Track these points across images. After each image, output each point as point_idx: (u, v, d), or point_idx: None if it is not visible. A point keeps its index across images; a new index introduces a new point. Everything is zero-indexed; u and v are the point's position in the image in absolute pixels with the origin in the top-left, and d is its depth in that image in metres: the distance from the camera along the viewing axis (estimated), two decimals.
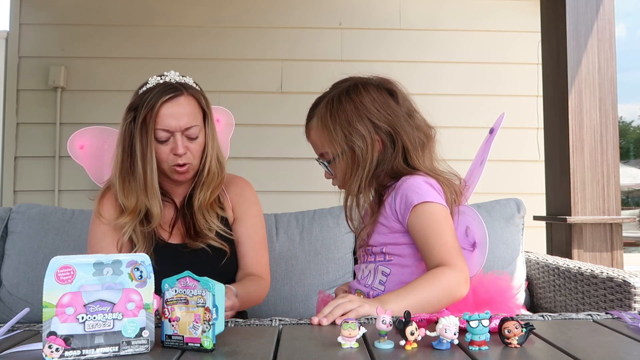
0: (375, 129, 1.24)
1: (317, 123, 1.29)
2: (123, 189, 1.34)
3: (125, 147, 1.33)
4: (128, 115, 1.32)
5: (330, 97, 1.30)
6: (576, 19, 2.02)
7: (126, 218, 1.33)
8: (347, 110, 1.25)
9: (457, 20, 3.21)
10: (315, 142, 1.33)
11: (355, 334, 0.80)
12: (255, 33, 3.16)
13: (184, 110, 1.30)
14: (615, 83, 2.02)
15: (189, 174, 1.37)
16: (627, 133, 30.39)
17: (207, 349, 0.78)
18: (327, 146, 1.28)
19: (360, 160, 1.24)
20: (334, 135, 1.25)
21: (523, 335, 0.80)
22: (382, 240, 1.27)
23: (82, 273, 0.77)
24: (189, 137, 1.32)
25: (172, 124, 1.29)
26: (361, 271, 1.35)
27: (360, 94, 1.28)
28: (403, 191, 1.21)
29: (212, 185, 1.40)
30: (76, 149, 1.67)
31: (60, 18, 3.13)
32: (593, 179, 1.99)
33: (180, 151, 1.30)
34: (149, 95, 1.29)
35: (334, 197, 1.39)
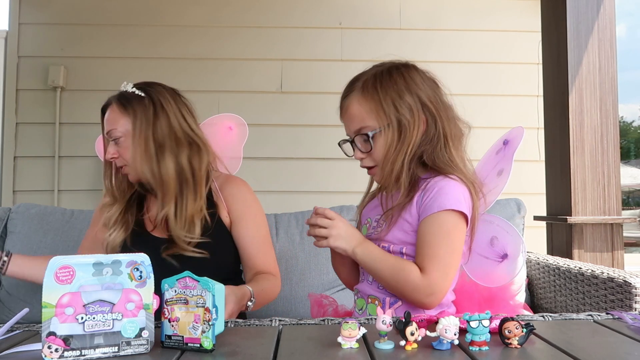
0: (422, 107, 1.21)
1: (361, 94, 1.24)
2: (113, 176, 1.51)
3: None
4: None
5: (379, 71, 1.26)
6: (577, 18, 2.02)
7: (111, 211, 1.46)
8: (398, 83, 1.22)
9: (458, 20, 3.21)
10: (355, 116, 1.24)
11: (355, 334, 0.79)
12: (255, 33, 3.16)
13: (110, 115, 1.42)
14: (615, 83, 2.02)
15: (130, 175, 1.42)
16: (628, 133, 30.27)
17: (207, 349, 0.78)
18: (372, 118, 1.22)
19: (407, 135, 1.19)
20: (384, 104, 1.21)
21: (523, 335, 0.80)
22: (404, 238, 1.21)
23: (81, 273, 0.77)
24: (114, 140, 1.40)
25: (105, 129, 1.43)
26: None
27: (410, 71, 1.26)
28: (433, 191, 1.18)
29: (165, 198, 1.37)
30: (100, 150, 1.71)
31: (60, 18, 3.12)
32: (593, 179, 1.99)
33: (107, 156, 1.41)
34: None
35: (334, 197, 1.39)
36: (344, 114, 1.28)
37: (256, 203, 1.50)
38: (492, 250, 1.26)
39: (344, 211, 1.88)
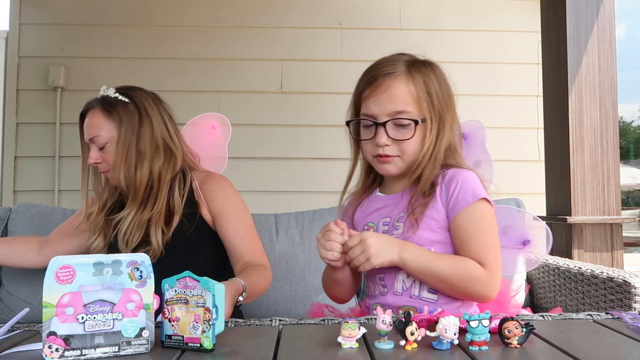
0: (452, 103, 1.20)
1: (410, 76, 1.16)
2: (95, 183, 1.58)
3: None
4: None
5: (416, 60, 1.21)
6: (576, 18, 2.02)
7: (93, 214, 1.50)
8: (439, 75, 1.19)
9: (457, 20, 3.21)
10: (398, 97, 1.14)
11: (355, 334, 0.80)
12: (256, 33, 3.16)
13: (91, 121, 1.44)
14: (615, 83, 2.02)
15: (114, 179, 1.44)
16: (628, 133, 30.27)
17: (207, 349, 0.78)
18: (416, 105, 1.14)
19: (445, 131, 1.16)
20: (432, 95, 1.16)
21: (523, 335, 0.80)
22: (432, 237, 1.13)
23: (82, 273, 0.77)
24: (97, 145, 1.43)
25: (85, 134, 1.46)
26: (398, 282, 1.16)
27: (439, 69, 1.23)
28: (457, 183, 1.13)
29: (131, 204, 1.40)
30: None
31: (60, 18, 3.13)
32: (593, 179, 1.99)
33: (89, 161, 1.44)
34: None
35: (334, 197, 1.37)
36: (383, 91, 1.15)
37: (236, 196, 1.49)
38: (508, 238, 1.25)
39: None
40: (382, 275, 1.18)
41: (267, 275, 1.41)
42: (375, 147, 1.17)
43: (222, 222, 1.44)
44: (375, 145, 1.16)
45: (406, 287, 1.15)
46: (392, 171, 1.18)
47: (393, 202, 1.20)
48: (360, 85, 1.23)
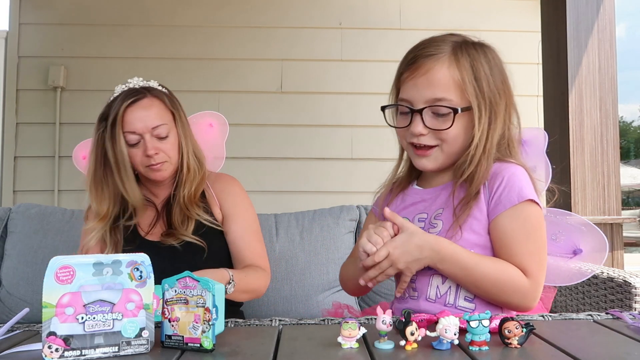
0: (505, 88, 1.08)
1: (454, 59, 1.04)
2: (96, 197, 1.39)
3: (98, 156, 1.38)
4: (100, 126, 1.37)
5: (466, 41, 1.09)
6: (576, 18, 2.02)
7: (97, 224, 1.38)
8: (490, 60, 1.07)
9: (457, 20, 3.21)
10: (440, 82, 1.04)
11: (355, 334, 0.79)
12: (255, 33, 3.16)
13: (148, 111, 1.34)
14: (615, 83, 2.02)
15: (165, 171, 1.38)
16: (628, 133, 30.31)
17: (207, 349, 0.78)
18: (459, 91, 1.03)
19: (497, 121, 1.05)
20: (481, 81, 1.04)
21: (523, 335, 0.80)
22: (475, 240, 1.03)
23: (81, 273, 0.77)
24: (158, 136, 1.35)
25: (139, 125, 1.33)
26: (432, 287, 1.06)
27: (493, 52, 1.12)
28: (502, 180, 1.02)
29: (194, 182, 1.42)
30: (80, 159, 1.70)
31: (60, 18, 3.13)
32: (593, 178, 1.99)
33: (150, 152, 1.33)
34: (115, 103, 1.35)
35: (334, 197, 1.37)
36: (420, 75, 1.05)
37: (246, 199, 1.51)
38: (557, 245, 1.15)
39: (344, 211, 1.88)
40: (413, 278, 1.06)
41: (263, 277, 1.41)
42: (411, 135, 1.06)
43: (231, 224, 1.45)
44: (411, 134, 1.06)
45: (440, 294, 1.04)
46: (430, 167, 1.08)
47: (431, 197, 1.11)
48: (401, 67, 1.12)
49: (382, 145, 3.11)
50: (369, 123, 3.10)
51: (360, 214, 1.90)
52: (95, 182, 1.39)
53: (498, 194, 1.02)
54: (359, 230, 1.88)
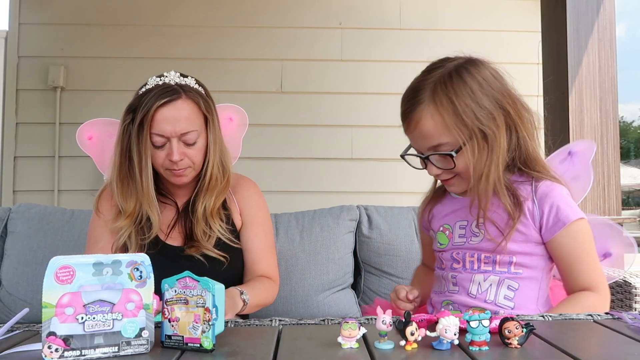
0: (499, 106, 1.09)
1: (434, 106, 1.07)
2: (122, 192, 1.32)
3: (123, 149, 1.30)
4: (127, 117, 1.29)
5: (446, 74, 1.10)
6: (577, 18, 2.02)
7: (124, 222, 1.31)
8: (472, 86, 1.07)
9: (457, 20, 3.21)
10: (430, 132, 1.09)
11: (355, 334, 0.79)
12: (255, 33, 3.16)
13: (181, 114, 1.26)
14: (615, 83, 2.02)
15: (186, 177, 1.32)
16: (628, 133, 30.35)
17: (207, 349, 0.78)
18: (451, 133, 1.07)
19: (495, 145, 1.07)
20: (463, 116, 1.05)
21: (523, 335, 0.80)
22: (515, 248, 1.11)
23: (81, 273, 0.77)
24: (185, 142, 1.27)
25: (168, 129, 1.25)
26: (474, 283, 1.15)
27: (479, 68, 1.11)
28: (553, 201, 1.09)
29: (215, 191, 1.35)
30: (85, 139, 1.66)
31: (60, 18, 3.12)
32: (593, 179, 1.99)
33: (175, 157, 1.26)
34: (146, 98, 1.25)
35: (334, 197, 1.37)
36: (413, 129, 1.12)
37: (266, 207, 1.48)
38: None
39: (344, 211, 1.88)
40: (455, 274, 1.16)
41: (272, 288, 1.40)
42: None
43: (249, 232, 1.42)
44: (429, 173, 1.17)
45: (481, 290, 1.13)
46: (458, 191, 1.18)
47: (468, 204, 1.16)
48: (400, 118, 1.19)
49: (382, 145, 3.11)
50: (369, 123, 3.10)
51: (360, 213, 1.90)
52: (121, 176, 1.32)
53: (552, 215, 1.09)
54: (359, 230, 1.88)
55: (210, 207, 1.34)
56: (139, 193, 1.30)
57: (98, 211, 1.39)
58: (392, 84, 3.14)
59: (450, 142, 1.08)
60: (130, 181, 1.31)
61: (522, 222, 1.10)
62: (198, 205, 1.34)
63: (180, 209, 1.40)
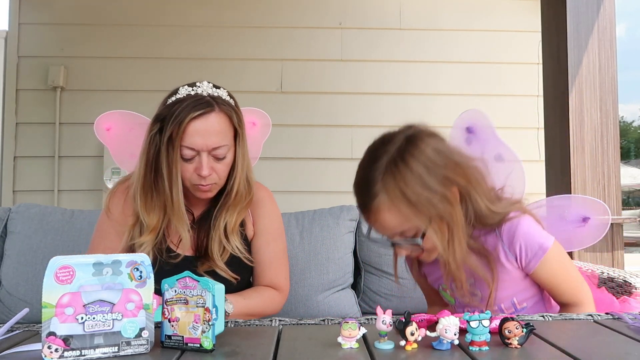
0: (449, 182, 1.09)
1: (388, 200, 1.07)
2: (145, 205, 1.26)
3: (149, 159, 1.25)
4: (154, 126, 1.23)
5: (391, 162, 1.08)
6: (577, 18, 2.02)
7: (147, 236, 1.26)
8: (419, 171, 1.06)
9: (457, 20, 3.21)
10: (390, 224, 1.10)
11: (355, 334, 0.79)
12: (255, 33, 3.16)
13: (213, 128, 1.21)
14: (615, 83, 2.02)
15: (211, 192, 1.28)
16: (628, 133, 30.33)
17: (207, 350, 0.78)
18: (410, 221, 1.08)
19: (453, 222, 1.09)
20: (417, 206, 1.06)
21: (523, 335, 0.80)
22: (510, 292, 1.18)
23: (81, 273, 0.77)
24: (215, 157, 1.23)
25: (199, 142, 1.20)
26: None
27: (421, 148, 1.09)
28: (521, 240, 1.12)
29: (238, 207, 1.31)
30: (103, 129, 1.62)
31: (60, 18, 3.13)
32: (594, 179, 1.99)
33: (205, 172, 1.21)
34: (178, 109, 1.19)
35: (334, 197, 1.37)
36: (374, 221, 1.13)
37: (279, 217, 1.44)
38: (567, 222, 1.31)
39: (344, 211, 1.88)
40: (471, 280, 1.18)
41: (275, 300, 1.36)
42: None
43: (260, 242, 1.38)
44: None
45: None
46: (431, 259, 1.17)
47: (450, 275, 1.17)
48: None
49: None
50: (369, 123, 3.10)
51: (360, 213, 1.90)
52: (145, 188, 1.26)
53: (525, 255, 1.13)
54: (359, 230, 1.88)
55: (232, 224, 1.30)
56: (168, 208, 1.25)
57: (109, 212, 1.33)
58: (392, 84, 3.15)
59: (412, 228, 1.10)
60: (154, 194, 1.26)
61: (502, 270, 1.15)
62: (219, 221, 1.30)
63: (195, 219, 1.35)
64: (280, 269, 1.40)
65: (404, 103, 3.11)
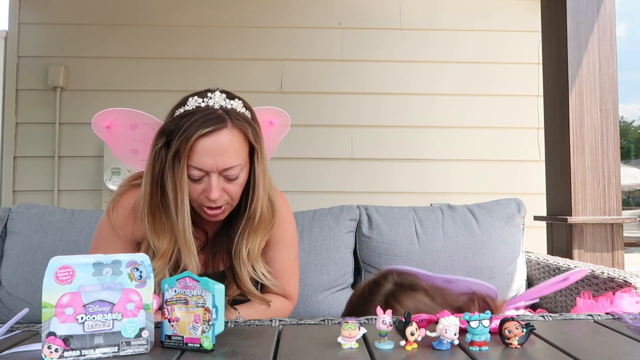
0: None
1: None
2: (154, 228, 1.15)
3: (154, 177, 1.13)
4: (159, 140, 1.12)
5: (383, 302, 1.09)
6: (577, 18, 2.02)
7: (158, 262, 1.15)
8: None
9: (457, 20, 3.21)
10: None
11: (355, 334, 0.79)
12: (255, 33, 3.16)
13: (225, 147, 1.08)
14: (615, 83, 2.02)
15: (223, 214, 1.17)
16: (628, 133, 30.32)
17: (207, 350, 0.78)
18: None
19: None
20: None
21: (523, 335, 0.80)
22: None
23: (81, 273, 0.77)
24: (227, 177, 1.11)
25: (209, 163, 1.08)
26: None
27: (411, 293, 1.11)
28: None
29: (261, 231, 1.21)
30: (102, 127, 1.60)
31: (60, 18, 3.13)
32: (594, 179, 1.99)
33: (214, 195, 1.10)
34: (186, 123, 1.07)
35: (334, 197, 1.36)
36: None
37: (294, 225, 1.37)
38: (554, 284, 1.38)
39: (344, 211, 1.88)
40: None
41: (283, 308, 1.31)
42: None
43: (272, 252, 1.30)
44: None
45: None
46: None
47: None
48: None
49: (382, 145, 3.12)
50: (369, 123, 3.10)
51: (360, 213, 1.90)
52: (152, 209, 1.15)
53: None
54: (359, 230, 1.88)
55: (255, 251, 1.21)
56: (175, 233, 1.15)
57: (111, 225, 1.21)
58: (392, 84, 3.15)
59: None
60: (163, 216, 1.15)
61: None
62: (242, 247, 1.20)
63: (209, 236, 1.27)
64: (292, 278, 1.34)
65: (404, 103, 3.11)
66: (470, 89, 3.16)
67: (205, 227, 1.26)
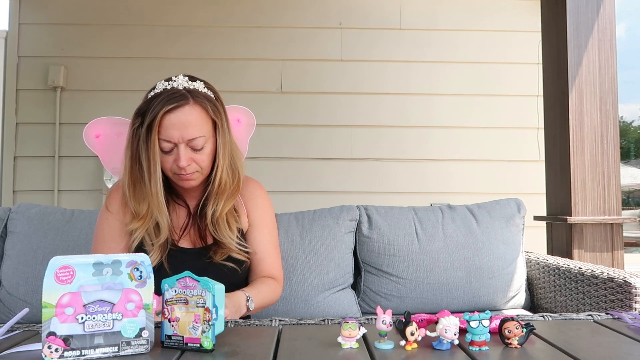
0: None
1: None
2: (134, 196, 1.32)
3: (133, 153, 1.30)
4: (135, 120, 1.30)
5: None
6: (577, 18, 2.02)
7: (137, 223, 1.31)
8: None
9: (457, 20, 3.21)
10: None
11: (355, 334, 0.79)
12: (255, 33, 3.16)
13: (188, 120, 1.25)
14: (615, 83, 2.02)
15: (194, 181, 1.32)
16: (628, 133, 30.39)
17: (207, 349, 0.78)
18: None
19: None
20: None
21: (523, 335, 0.80)
22: None
23: (81, 273, 0.77)
24: (193, 148, 1.27)
25: (175, 135, 1.24)
26: None
27: None
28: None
29: (224, 196, 1.36)
30: (92, 137, 1.63)
31: (60, 18, 3.13)
32: (593, 179, 1.99)
33: (182, 163, 1.25)
34: (154, 103, 1.26)
35: (334, 197, 1.36)
36: None
37: (272, 209, 1.49)
38: None
39: (344, 211, 1.88)
40: None
41: (276, 289, 1.41)
42: None
43: (255, 234, 1.42)
44: None
45: None
46: None
47: None
48: None
49: (382, 145, 3.12)
50: (369, 123, 3.10)
51: (360, 213, 1.90)
52: (132, 180, 1.31)
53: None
54: (359, 230, 1.88)
55: (218, 212, 1.35)
56: (148, 197, 1.30)
57: (108, 211, 1.37)
58: (392, 84, 3.15)
59: None
60: (141, 184, 1.31)
61: None
62: (207, 209, 1.35)
63: (192, 212, 1.40)
64: (276, 259, 1.45)
65: (404, 103, 3.11)
66: (469, 89, 3.16)
67: (186, 200, 1.41)
